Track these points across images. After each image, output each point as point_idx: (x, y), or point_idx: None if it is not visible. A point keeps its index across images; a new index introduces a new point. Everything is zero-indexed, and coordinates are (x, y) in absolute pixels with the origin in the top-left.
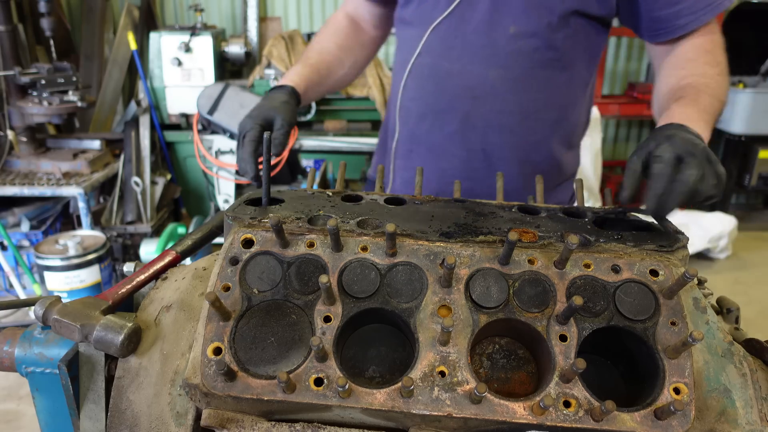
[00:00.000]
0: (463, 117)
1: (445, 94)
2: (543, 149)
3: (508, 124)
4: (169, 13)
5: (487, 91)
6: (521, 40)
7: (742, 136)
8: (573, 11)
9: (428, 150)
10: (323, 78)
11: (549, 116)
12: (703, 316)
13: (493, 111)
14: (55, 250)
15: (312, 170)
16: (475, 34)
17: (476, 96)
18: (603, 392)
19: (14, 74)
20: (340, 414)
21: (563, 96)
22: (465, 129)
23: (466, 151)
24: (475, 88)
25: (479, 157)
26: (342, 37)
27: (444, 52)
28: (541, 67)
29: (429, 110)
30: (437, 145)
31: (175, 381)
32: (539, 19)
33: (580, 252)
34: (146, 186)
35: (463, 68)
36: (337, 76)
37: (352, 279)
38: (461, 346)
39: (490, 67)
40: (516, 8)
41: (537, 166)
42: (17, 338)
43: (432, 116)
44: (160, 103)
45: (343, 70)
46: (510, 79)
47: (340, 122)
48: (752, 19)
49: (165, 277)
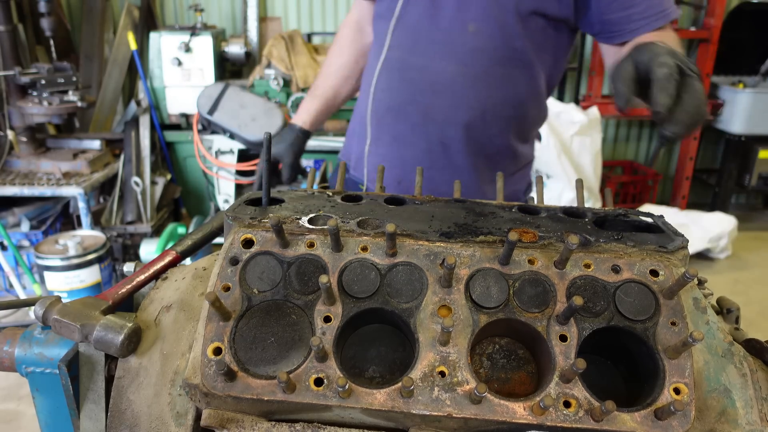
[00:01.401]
0: (425, 110)
1: (409, 88)
2: (499, 143)
3: (465, 120)
4: (169, 13)
5: (446, 86)
6: (480, 39)
7: (742, 136)
8: (531, 12)
9: (393, 139)
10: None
11: (507, 113)
12: (703, 316)
13: (452, 106)
14: (55, 250)
15: (312, 170)
16: (438, 30)
17: (437, 91)
18: (603, 392)
19: (14, 74)
20: (340, 414)
21: (522, 94)
22: (426, 122)
23: (427, 142)
24: (436, 83)
25: (438, 149)
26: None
27: (411, 47)
28: (499, 65)
29: (394, 102)
30: (401, 135)
31: (175, 381)
32: (498, 18)
33: (580, 252)
34: (146, 186)
35: (426, 63)
36: (344, 92)
37: (352, 279)
38: (461, 346)
39: (450, 64)
40: (477, 7)
41: (492, 158)
42: (17, 338)
43: (397, 108)
44: (160, 103)
45: (350, 84)
46: (469, 75)
47: (340, 122)
48: (752, 19)
49: (165, 277)
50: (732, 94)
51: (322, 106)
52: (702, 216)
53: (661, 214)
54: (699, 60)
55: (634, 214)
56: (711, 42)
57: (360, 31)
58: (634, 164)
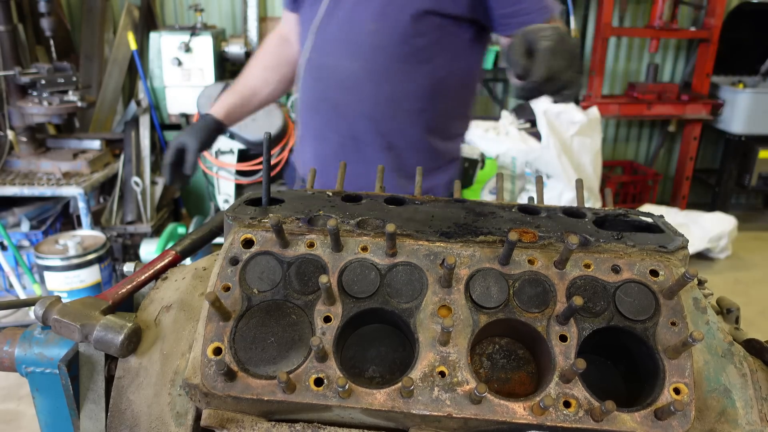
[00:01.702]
0: (335, 106)
1: (321, 86)
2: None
3: (371, 113)
4: (169, 13)
5: (353, 82)
6: (378, 37)
7: (742, 136)
8: (425, 11)
9: (312, 136)
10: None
11: (412, 106)
12: (703, 316)
13: (358, 101)
14: (55, 250)
15: (312, 170)
16: (344, 32)
17: (344, 87)
18: (603, 392)
19: (14, 74)
20: (340, 414)
21: (425, 88)
22: (337, 117)
23: (339, 136)
24: (344, 80)
25: (350, 143)
26: (268, 58)
27: (323, 48)
28: (399, 61)
29: (310, 100)
30: (317, 131)
31: (175, 381)
32: (394, 16)
33: (580, 252)
34: (146, 186)
35: (335, 62)
36: (262, 94)
37: (352, 279)
38: (461, 347)
39: (354, 61)
40: (374, 6)
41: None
42: (17, 338)
43: (313, 105)
44: (160, 103)
45: (269, 88)
46: (372, 71)
47: None
48: (752, 19)
49: (165, 277)
50: (732, 94)
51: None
52: (702, 216)
53: (661, 214)
54: (699, 60)
55: (634, 214)
56: (711, 42)
57: (284, 42)
58: (634, 164)
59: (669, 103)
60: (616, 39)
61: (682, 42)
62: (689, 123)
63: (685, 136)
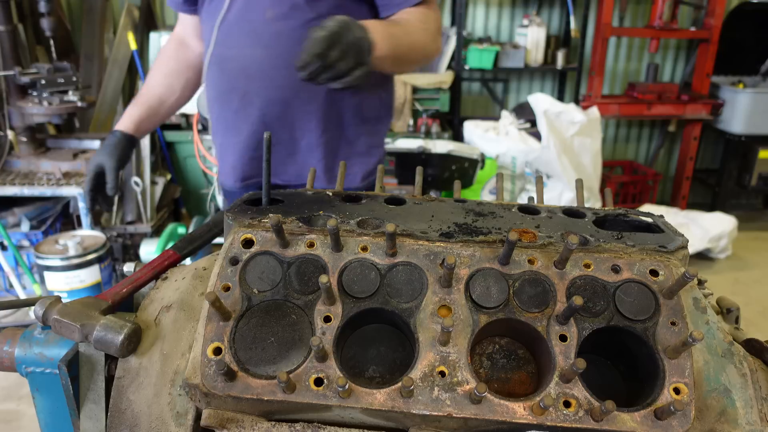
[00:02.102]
0: (242, 95)
1: (227, 77)
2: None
3: (279, 98)
4: (169, 13)
5: (258, 70)
6: (277, 22)
7: (742, 136)
8: None
9: (224, 128)
10: (154, 110)
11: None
12: (703, 316)
13: (264, 87)
14: (55, 250)
15: (312, 170)
16: (245, 22)
17: (250, 75)
18: (603, 392)
19: (14, 74)
20: (340, 414)
21: None
22: (245, 105)
23: (249, 124)
24: (248, 68)
25: (261, 129)
26: (169, 65)
27: (225, 40)
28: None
29: (218, 93)
30: (228, 122)
31: (175, 381)
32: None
33: (580, 252)
34: (146, 186)
35: (238, 52)
36: (170, 102)
37: (352, 279)
38: (461, 346)
39: (257, 49)
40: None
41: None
42: (17, 338)
43: (221, 98)
44: None
45: (176, 95)
46: (275, 57)
47: None
48: (752, 19)
49: (165, 277)
50: (732, 94)
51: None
52: (702, 216)
53: (661, 214)
54: (699, 60)
55: (634, 214)
56: (711, 42)
57: (182, 45)
58: (634, 164)
59: (669, 103)
60: (616, 39)
61: (682, 42)
62: (689, 123)
63: (685, 136)
